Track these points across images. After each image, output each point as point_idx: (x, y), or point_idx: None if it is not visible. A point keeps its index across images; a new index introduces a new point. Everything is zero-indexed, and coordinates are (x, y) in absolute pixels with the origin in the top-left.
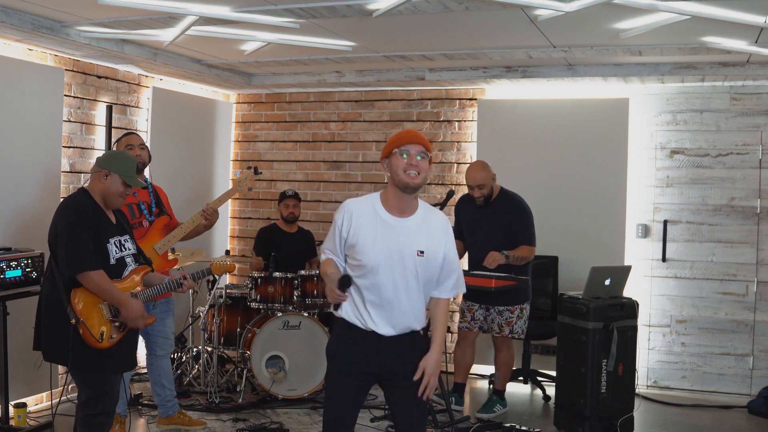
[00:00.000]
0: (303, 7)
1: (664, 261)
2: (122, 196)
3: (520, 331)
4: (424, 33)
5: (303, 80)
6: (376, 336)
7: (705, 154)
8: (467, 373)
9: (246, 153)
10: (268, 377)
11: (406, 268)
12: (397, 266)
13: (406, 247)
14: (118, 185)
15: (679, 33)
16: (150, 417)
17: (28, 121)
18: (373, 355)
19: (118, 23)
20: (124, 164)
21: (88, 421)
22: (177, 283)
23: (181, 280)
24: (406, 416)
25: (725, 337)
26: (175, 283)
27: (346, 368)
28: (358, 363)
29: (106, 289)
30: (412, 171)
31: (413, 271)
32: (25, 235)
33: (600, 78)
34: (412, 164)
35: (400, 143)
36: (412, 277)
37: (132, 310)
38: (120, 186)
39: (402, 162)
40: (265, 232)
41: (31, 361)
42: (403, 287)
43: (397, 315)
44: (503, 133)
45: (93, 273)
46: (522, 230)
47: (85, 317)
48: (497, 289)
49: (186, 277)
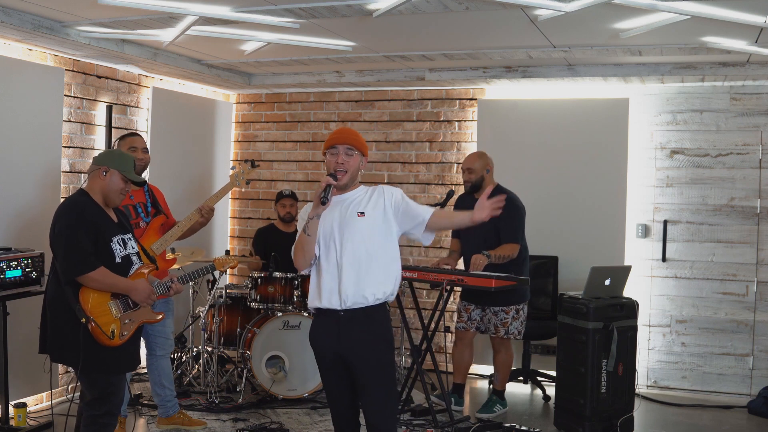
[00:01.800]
0: (303, 7)
1: (664, 261)
2: (123, 192)
3: (516, 332)
4: (424, 33)
5: (303, 80)
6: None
7: (705, 154)
8: (466, 374)
9: (246, 153)
10: (268, 377)
11: (352, 232)
12: (337, 233)
13: (346, 214)
14: (118, 181)
15: (679, 33)
16: (150, 417)
17: (28, 121)
18: (334, 335)
19: (118, 23)
20: (122, 160)
21: (93, 421)
22: (166, 286)
23: (169, 284)
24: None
25: (725, 337)
26: (164, 287)
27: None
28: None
29: (111, 283)
30: (340, 168)
31: (360, 232)
32: (25, 235)
33: (600, 78)
34: (338, 162)
35: (328, 144)
36: (361, 248)
37: (141, 291)
38: (120, 182)
39: (332, 162)
40: (263, 233)
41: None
42: (350, 252)
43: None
44: (503, 133)
45: (93, 273)
46: (507, 226)
47: (95, 316)
48: (497, 289)
49: (174, 281)
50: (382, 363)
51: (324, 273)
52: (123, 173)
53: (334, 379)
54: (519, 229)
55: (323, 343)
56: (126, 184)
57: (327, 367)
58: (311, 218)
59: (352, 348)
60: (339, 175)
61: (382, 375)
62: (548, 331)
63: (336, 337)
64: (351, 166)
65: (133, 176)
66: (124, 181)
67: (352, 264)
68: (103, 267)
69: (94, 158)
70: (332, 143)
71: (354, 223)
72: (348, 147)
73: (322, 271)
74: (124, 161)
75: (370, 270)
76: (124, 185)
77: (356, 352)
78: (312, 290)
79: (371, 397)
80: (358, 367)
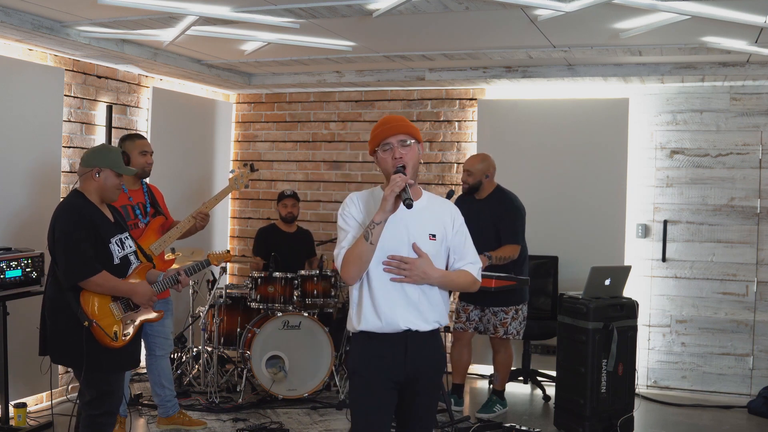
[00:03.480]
0: (303, 7)
1: (664, 261)
2: (119, 186)
3: (515, 332)
4: (424, 33)
5: (303, 80)
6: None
7: (705, 154)
8: (465, 374)
9: (246, 153)
10: (268, 377)
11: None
12: (406, 253)
13: (416, 233)
14: (112, 178)
15: (679, 33)
16: (150, 417)
17: (28, 121)
18: (401, 358)
19: (118, 23)
20: (111, 156)
21: (92, 421)
22: (174, 280)
23: (177, 276)
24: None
25: (725, 337)
26: (171, 280)
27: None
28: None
29: (113, 287)
30: (399, 163)
31: (430, 258)
32: (25, 235)
33: (600, 78)
34: (396, 158)
35: (378, 139)
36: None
37: (142, 294)
38: (114, 178)
39: (388, 159)
40: (265, 233)
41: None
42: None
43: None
44: (503, 133)
45: (95, 277)
46: (507, 227)
47: (98, 318)
48: (498, 289)
49: (181, 273)
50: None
51: (377, 291)
52: (115, 169)
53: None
54: (519, 230)
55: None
56: (120, 177)
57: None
58: (377, 223)
59: (419, 370)
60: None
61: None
62: (548, 331)
63: (402, 359)
64: (411, 158)
65: (125, 170)
66: (118, 176)
67: (419, 285)
68: (105, 271)
69: (82, 159)
70: (383, 137)
71: (425, 247)
72: (402, 138)
73: (374, 289)
74: (113, 157)
75: (433, 296)
76: (119, 179)
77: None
78: (360, 311)
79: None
80: (422, 391)
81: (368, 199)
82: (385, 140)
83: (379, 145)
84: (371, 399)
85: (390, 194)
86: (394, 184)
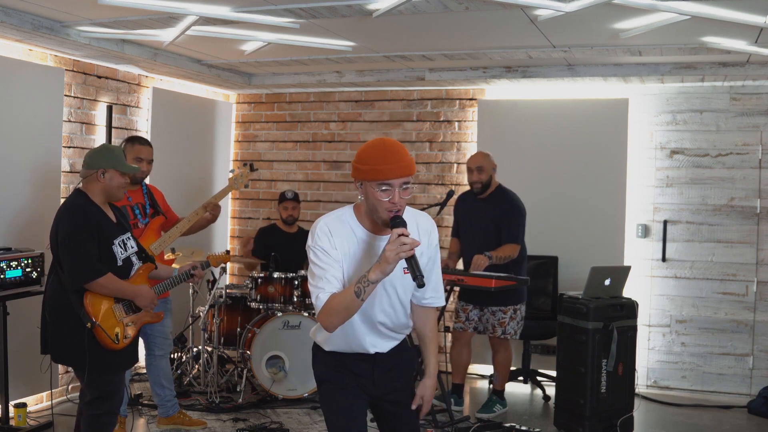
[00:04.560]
0: (303, 7)
1: (664, 261)
2: (124, 186)
3: (513, 332)
4: (424, 33)
5: (303, 80)
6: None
7: (705, 154)
8: (465, 374)
9: (246, 153)
10: (268, 377)
11: (390, 289)
12: (380, 288)
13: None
14: (117, 178)
15: (679, 33)
16: (150, 417)
17: (28, 121)
18: (368, 376)
19: (118, 23)
20: (113, 156)
21: (93, 420)
22: (188, 274)
23: (192, 270)
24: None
25: (725, 337)
26: (186, 275)
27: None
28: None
29: (117, 289)
30: (395, 209)
31: (397, 290)
32: (25, 235)
33: (600, 78)
34: (394, 202)
35: (377, 176)
36: (396, 299)
37: (145, 297)
38: (119, 177)
39: (383, 200)
40: (265, 233)
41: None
42: (388, 307)
43: (384, 335)
44: (503, 133)
45: (101, 279)
46: (508, 226)
47: (100, 320)
48: (497, 289)
49: (197, 266)
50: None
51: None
52: (120, 169)
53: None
54: (520, 230)
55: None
56: (124, 176)
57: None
58: (372, 282)
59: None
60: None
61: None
62: (548, 331)
63: (370, 374)
64: (406, 203)
65: (129, 168)
66: (122, 175)
67: (387, 314)
68: (110, 273)
69: (85, 161)
70: (385, 177)
71: (400, 280)
72: (405, 180)
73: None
74: (115, 157)
75: (399, 315)
76: (123, 178)
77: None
78: (330, 335)
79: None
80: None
81: (338, 228)
82: (386, 180)
83: (374, 181)
84: (346, 401)
85: (395, 258)
86: (400, 247)
